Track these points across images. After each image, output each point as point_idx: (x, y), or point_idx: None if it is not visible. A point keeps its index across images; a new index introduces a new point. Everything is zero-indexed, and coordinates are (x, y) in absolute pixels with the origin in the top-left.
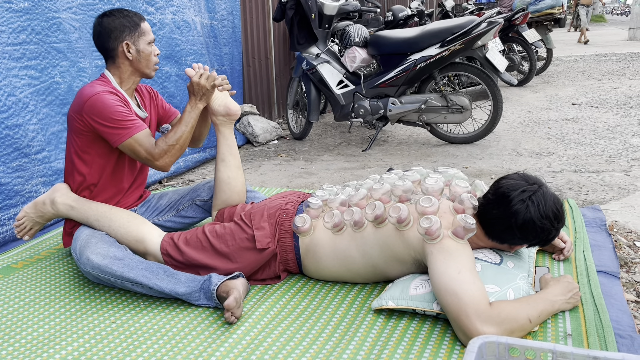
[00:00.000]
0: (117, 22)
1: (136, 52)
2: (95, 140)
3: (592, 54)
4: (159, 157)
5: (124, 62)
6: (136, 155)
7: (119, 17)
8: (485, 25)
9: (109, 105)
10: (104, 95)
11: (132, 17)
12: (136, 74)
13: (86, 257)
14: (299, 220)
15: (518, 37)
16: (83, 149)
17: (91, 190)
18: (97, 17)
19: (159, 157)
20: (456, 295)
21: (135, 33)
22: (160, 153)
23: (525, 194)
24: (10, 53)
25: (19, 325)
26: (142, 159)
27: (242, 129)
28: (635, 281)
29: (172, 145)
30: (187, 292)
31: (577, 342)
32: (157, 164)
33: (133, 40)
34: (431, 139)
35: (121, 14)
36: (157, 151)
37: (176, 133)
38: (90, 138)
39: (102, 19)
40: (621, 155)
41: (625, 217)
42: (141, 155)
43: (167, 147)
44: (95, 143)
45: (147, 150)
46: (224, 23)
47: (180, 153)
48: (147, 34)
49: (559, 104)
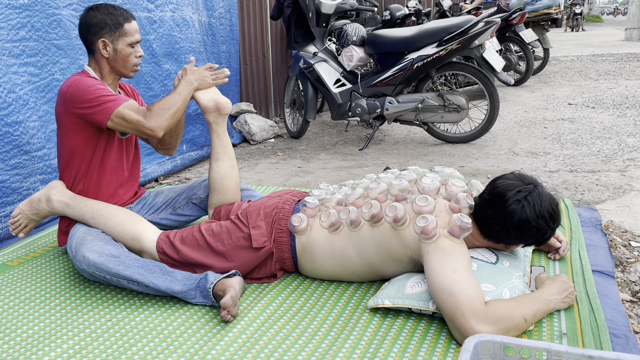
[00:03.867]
0: (99, 18)
1: (113, 51)
2: (83, 130)
3: (588, 54)
4: (150, 118)
5: (102, 59)
6: (127, 122)
7: (103, 14)
8: (483, 24)
9: (88, 86)
10: (81, 78)
11: (117, 16)
12: (113, 72)
13: (82, 254)
14: (296, 220)
15: (515, 36)
16: (73, 143)
17: (85, 184)
18: (85, 8)
19: (150, 118)
20: (452, 295)
21: (116, 32)
22: (151, 114)
23: (521, 194)
24: (9, 50)
25: (14, 322)
26: (133, 124)
27: (239, 127)
28: (630, 281)
29: (165, 109)
30: (183, 290)
31: (572, 341)
32: (148, 125)
33: (111, 39)
34: (428, 138)
35: (106, 10)
36: (148, 113)
37: (169, 100)
38: (77, 130)
39: (87, 12)
40: (617, 156)
41: (621, 217)
42: (132, 120)
43: (158, 109)
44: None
45: (138, 112)
46: (221, 21)
47: (172, 120)
48: (130, 35)
49: (556, 104)
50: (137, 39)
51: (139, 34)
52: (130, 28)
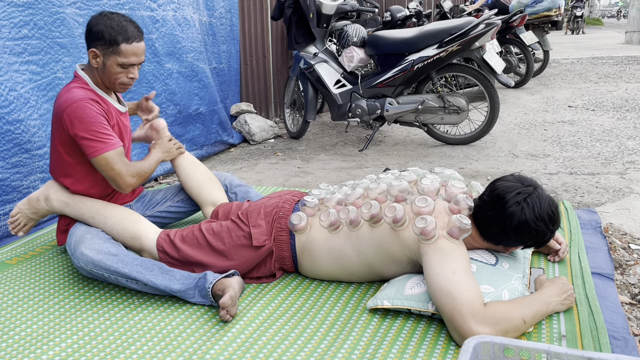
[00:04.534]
0: (99, 28)
1: (102, 65)
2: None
3: (588, 56)
4: (130, 175)
5: (93, 67)
6: (109, 168)
7: (105, 25)
8: (483, 26)
9: (89, 116)
10: (84, 104)
11: (118, 33)
12: (102, 82)
13: (80, 251)
14: (295, 218)
15: (515, 39)
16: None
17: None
18: (100, 12)
19: (130, 175)
20: (451, 296)
21: (109, 48)
22: (131, 172)
23: (521, 196)
24: (11, 48)
25: (13, 321)
26: (114, 172)
27: (239, 127)
28: (629, 283)
29: (143, 172)
30: (182, 289)
31: (571, 343)
32: (126, 180)
33: (103, 52)
34: (428, 139)
35: (112, 23)
36: (131, 169)
37: (145, 166)
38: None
39: (97, 16)
40: (617, 158)
41: (620, 220)
42: (115, 169)
43: (139, 170)
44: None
45: (122, 162)
46: (222, 21)
47: (141, 182)
48: (124, 55)
49: (556, 106)
50: (132, 61)
51: (137, 57)
52: (127, 49)
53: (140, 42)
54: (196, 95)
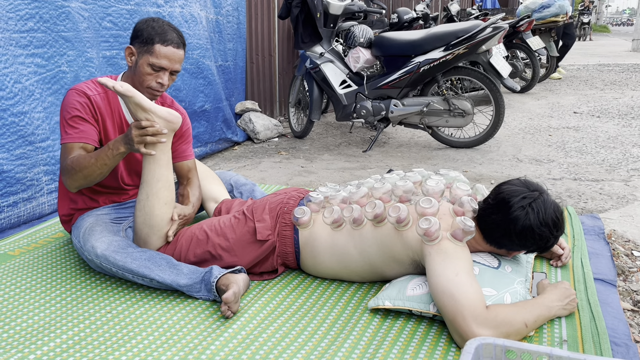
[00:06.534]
0: (142, 26)
1: (135, 63)
2: None
3: (595, 63)
4: (62, 173)
5: (128, 65)
6: (61, 159)
7: (148, 26)
8: (490, 30)
9: (67, 103)
10: (73, 91)
11: (156, 34)
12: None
13: (91, 244)
14: (299, 212)
15: (522, 43)
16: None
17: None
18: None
19: (62, 173)
20: (453, 297)
21: (144, 47)
22: (63, 169)
23: (526, 200)
24: (17, 40)
25: (15, 312)
26: (61, 164)
27: (244, 126)
28: (632, 290)
29: (74, 169)
30: (189, 283)
31: (572, 348)
32: (62, 178)
33: (138, 50)
34: (432, 142)
35: (154, 25)
36: (62, 165)
37: (84, 160)
38: None
39: (144, 19)
40: (621, 165)
41: (624, 227)
42: (61, 163)
43: (68, 167)
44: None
45: (62, 161)
46: (229, 19)
47: (82, 182)
48: (156, 56)
49: (561, 112)
50: (163, 64)
51: (170, 61)
52: (161, 50)
53: (178, 50)
54: (201, 92)
